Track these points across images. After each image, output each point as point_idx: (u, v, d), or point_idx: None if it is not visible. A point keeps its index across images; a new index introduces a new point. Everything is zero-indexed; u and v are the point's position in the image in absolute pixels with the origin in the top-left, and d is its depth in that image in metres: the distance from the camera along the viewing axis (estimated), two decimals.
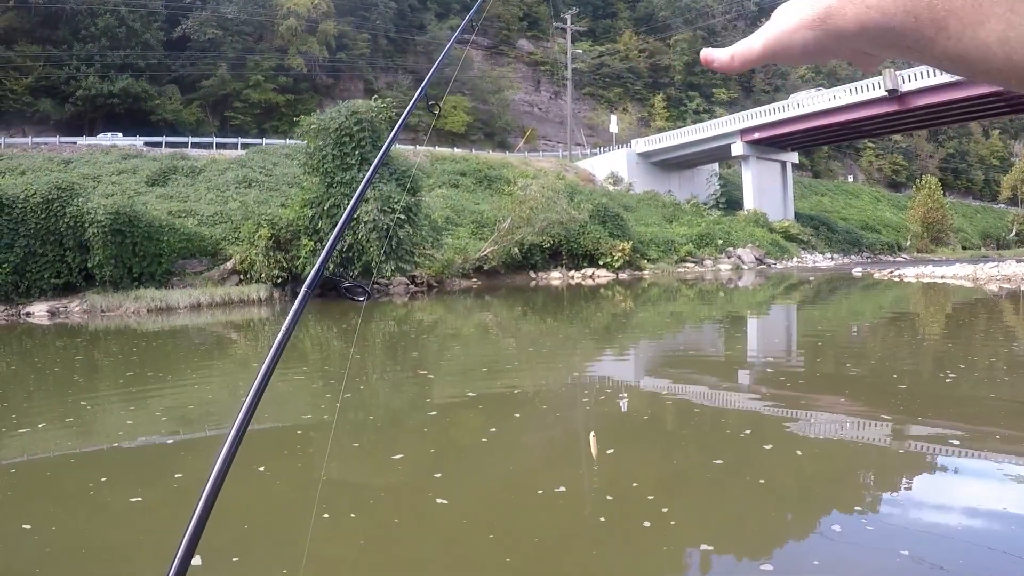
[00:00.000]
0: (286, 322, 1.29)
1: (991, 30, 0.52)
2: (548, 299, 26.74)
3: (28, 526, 4.30)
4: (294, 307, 1.34)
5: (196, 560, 1.04)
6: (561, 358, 12.04)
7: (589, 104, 79.98)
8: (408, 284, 29.85)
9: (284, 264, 28.67)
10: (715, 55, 0.74)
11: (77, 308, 25.08)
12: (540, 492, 4.57)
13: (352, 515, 4.31)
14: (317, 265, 1.45)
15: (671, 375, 9.68)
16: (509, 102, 73.31)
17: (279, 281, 28.79)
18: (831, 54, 0.66)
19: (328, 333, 17.22)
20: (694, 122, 67.97)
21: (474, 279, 34.46)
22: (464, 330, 17.89)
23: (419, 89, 1.97)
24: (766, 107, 57.44)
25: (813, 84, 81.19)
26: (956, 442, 5.71)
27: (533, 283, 36.69)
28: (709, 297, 25.93)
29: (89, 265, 25.74)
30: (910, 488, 4.88)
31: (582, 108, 77.39)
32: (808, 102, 52.69)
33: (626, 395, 8.34)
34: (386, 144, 1.91)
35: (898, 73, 45.93)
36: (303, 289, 1.41)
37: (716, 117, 65.91)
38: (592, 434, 3.17)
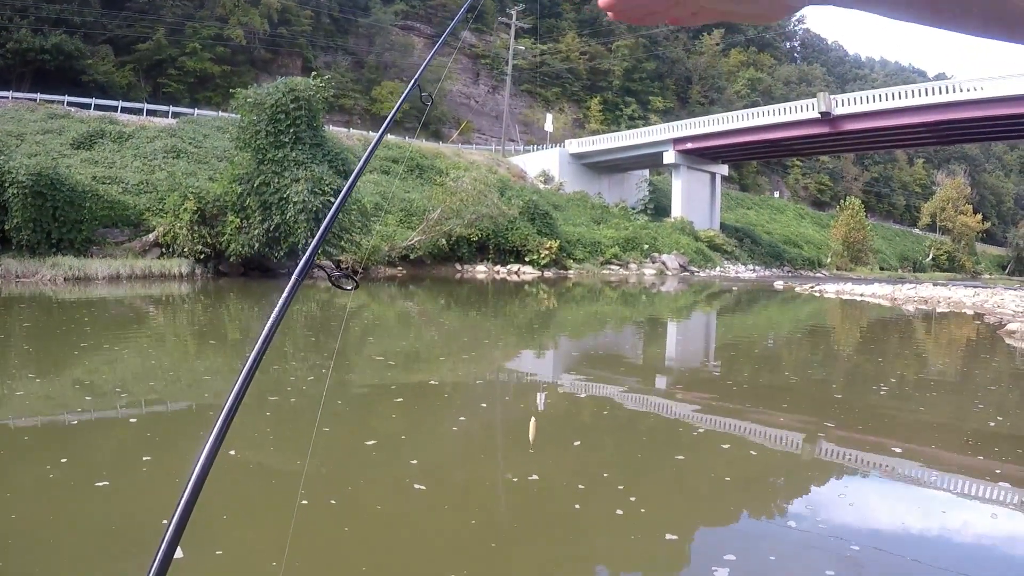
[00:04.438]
0: (275, 311, 1.26)
1: None
2: (475, 293, 26.71)
3: None
4: (283, 296, 1.30)
5: (177, 553, 0.99)
6: (498, 352, 12.12)
7: (526, 101, 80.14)
8: (333, 269, 29.33)
9: (208, 240, 27.95)
10: None
11: None
12: (515, 480, 4.57)
13: (332, 501, 4.23)
14: (308, 252, 1.39)
15: (609, 376, 9.82)
16: (447, 93, 72.90)
17: (202, 257, 28.10)
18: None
19: (250, 314, 16.83)
20: (628, 127, 68.79)
21: (399, 268, 34.23)
22: (404, 319, 17.78)
23: (412, 80, 1.99)
24: (701, 118, 58.50)
25: (748, 100, 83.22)
26: (898, 450, 5.94)
27: (459, 275, 36.64)
28: (634, 300, 26.30)
29: (6, 227, 24.66)
30: (857, 490, 5.10)
31: (519, 104, 77.51)
32: (742, 117, 53.87)
33: (583, 393, 8.39)
34: (380, 132, 1.91)
35: (832, 97, 47.41)
36: (293, 278, 1.35)
37: (650, 124, 66.80)
38: (533, 419, 3.13)
